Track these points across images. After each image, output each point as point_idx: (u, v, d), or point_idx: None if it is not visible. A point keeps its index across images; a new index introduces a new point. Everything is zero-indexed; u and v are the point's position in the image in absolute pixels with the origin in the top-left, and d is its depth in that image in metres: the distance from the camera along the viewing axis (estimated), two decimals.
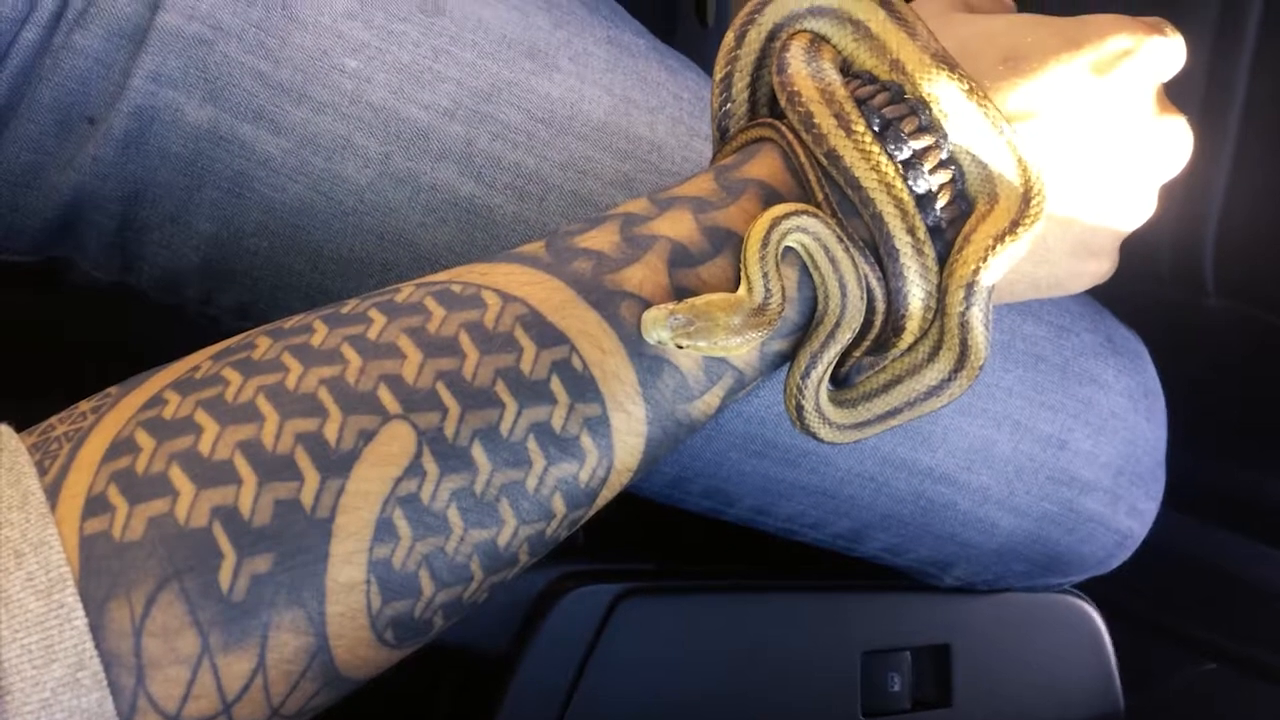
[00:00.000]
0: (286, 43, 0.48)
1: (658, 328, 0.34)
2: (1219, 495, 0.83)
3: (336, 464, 0.30)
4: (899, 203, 0.37)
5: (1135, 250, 0.46)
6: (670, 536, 0.64)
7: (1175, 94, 0.43)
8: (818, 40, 0.40)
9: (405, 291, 0.35)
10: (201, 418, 0.31)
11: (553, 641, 0.55)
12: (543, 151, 0.50)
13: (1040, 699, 0.68)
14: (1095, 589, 0.68)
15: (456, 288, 0.35)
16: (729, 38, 0.41)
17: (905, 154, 0.37)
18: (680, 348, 0.34)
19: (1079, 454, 0.57)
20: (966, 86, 0.37)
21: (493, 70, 0.50)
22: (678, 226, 0.37)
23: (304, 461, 0.30)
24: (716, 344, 0.34)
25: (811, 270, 0.37)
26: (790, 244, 0.37)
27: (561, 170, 0.50)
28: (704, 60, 0.51)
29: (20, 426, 0.32)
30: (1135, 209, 0.42)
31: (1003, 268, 0.37)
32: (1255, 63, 0.71)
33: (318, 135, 0.48)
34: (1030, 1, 0.47)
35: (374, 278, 0.50)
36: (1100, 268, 0.44)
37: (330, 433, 0.31)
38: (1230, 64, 0.72)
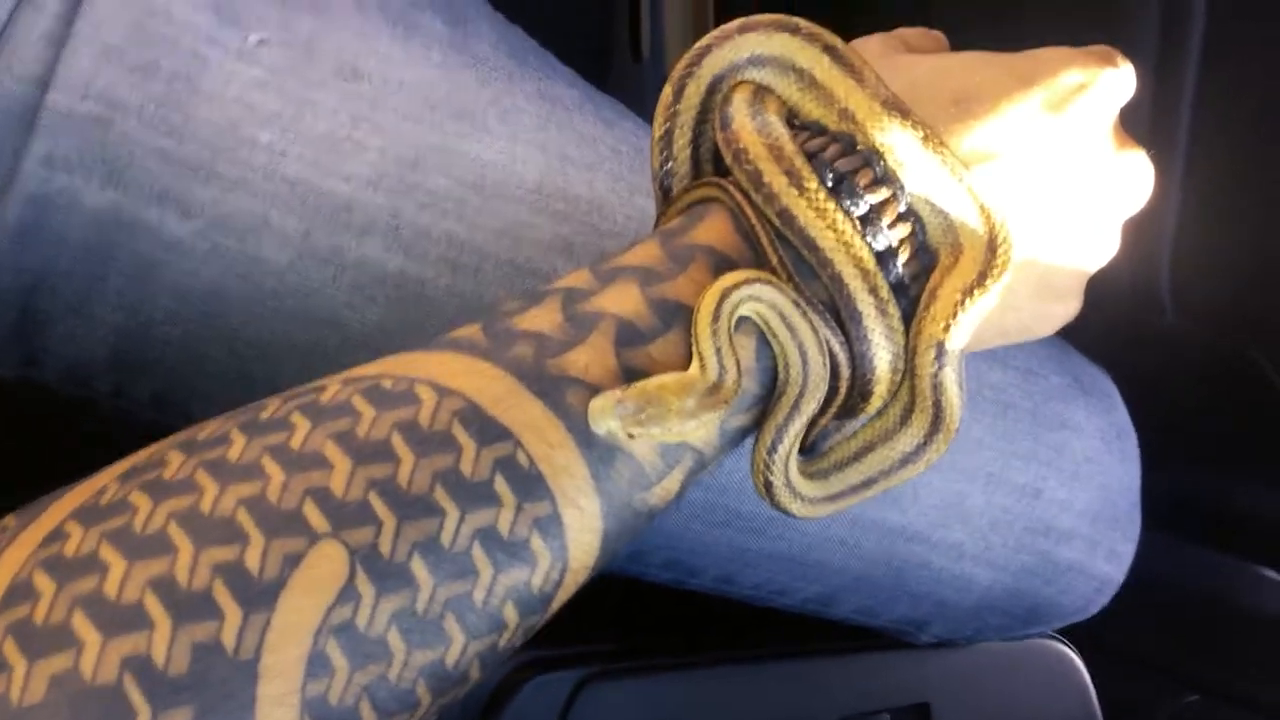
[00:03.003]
0: (191, 118, 0.45)
1: (605, 417, 0.32)
2: (1190, 508, 0.83)
3: (260, 596, 0.28)
4: (858, 261, 0.35)
5: (1095, 275, 0.45)
6: (632, 605, 0.62)
7: (1122, 120, 0.42)
8: (761, 91, 0.38)
9: (331, 390, 0.32)
10: (107, 553, 0.28)
11: None
12: (475, 219, 0.48)
13: None
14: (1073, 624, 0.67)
15: (387, 383, 0.32)
16: (666, 92, 0.39)
17: (862, 209, 0.35)
18: (631, 437, 0.32)
19: (1054, 502, 0.55)
20: (921, 134, 0.36)
21: (417, 135, 0.48)
22: (624, 301, 0.35)
23: (224, 596, 0.28)
24: (670, 430, 0.32)
25: (770, 339, 0.35)
26: (744, 313, 0.35)
27: (496, 238, 0.48)
28: (641, 97, 0.50)
29: None
30: (1100, 247, 0.41)
31: (973, 323, 0.36)
32: (1199, 85, 0.71)
33: (230, 215, 0.46)
34: (974, 34, 0.46)
35: (299, 362, 0.47)
36: (1068, 309, 0.42)
37: (252, 561, 0.28)
38: (1174, 88, 0.72)
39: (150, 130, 0.45)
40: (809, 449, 0.38)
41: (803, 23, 0.38)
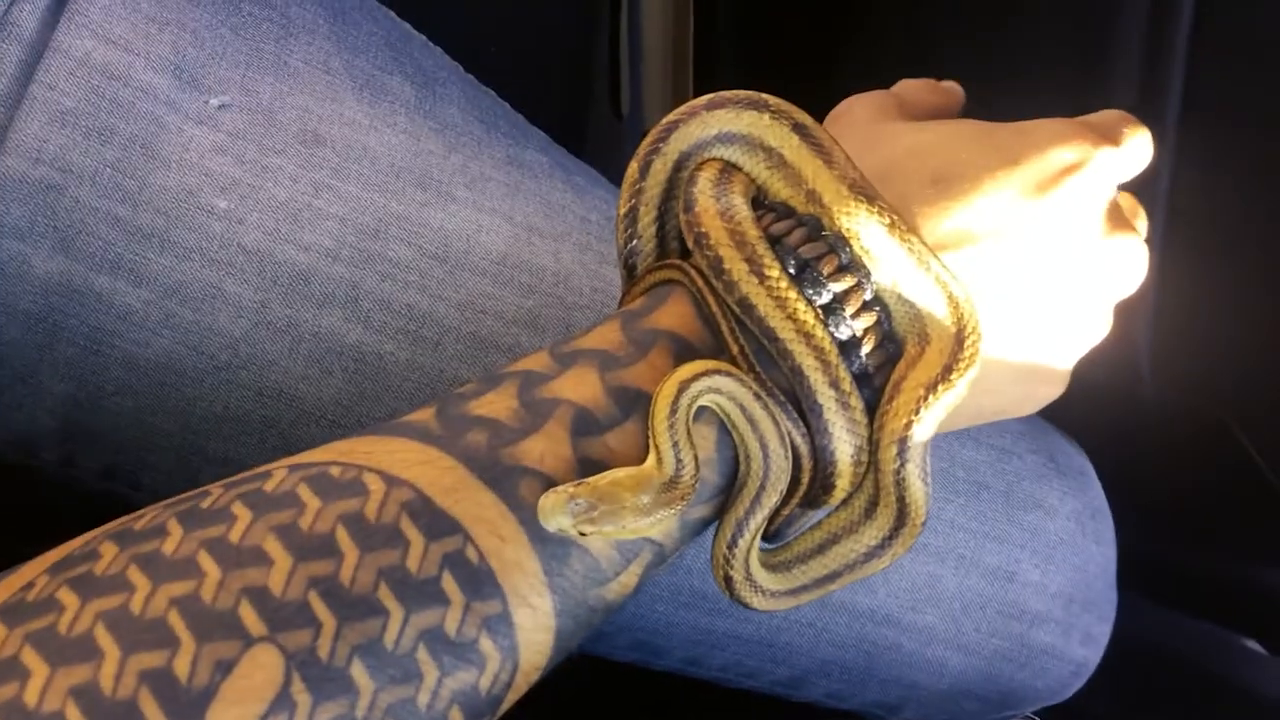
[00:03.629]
0: (146, 184, 0.45)
1: (556, 514, 0.31)
2: (1168, 574, 0.83)
3: (188, 707, 0.27)
4: (820, 353, 0.34)
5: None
6: (599, 685, 0.61)
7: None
8: (729, 169, 0.37)
9: (277, 478, 0.31)
10: (29, 657, 0.27)
11: None
12: (437, 290, 0.47)
13: None
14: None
15: (335, 470, 0.32)
16: (632, 168, 0.38)
17: (825, 298, 0.35)
18: (584, 535, 0.31)
19: (1028, 585, 0.54)
20: (888, 221, 0.35)
21: (380, 203, 0.47)
22: (581, 388, 0.34)
23: (149, 707, 0.26)
24: (625, 527, 0.32)
25: (730, 430, 0.35)
26: (704, 404, 0.34)
27: (459, 310, 0.47)
28: (619, 157, 0.49)
29: None
30: (1085, 332, 0.40)
31: (937, 418, 0.35)
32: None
33: (184, 284, 0.45)
34: (974, 89, 0.45)
35: (253, 436, 0.46)
36: (1051, 391, 0.41)
37: (181, 668, 0.27)
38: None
39: (104, 197, 0.44)
40: (771, 537, 0.38)
41: (773, 100, 0.38)
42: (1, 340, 0.45)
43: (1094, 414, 0.63)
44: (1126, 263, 0.40)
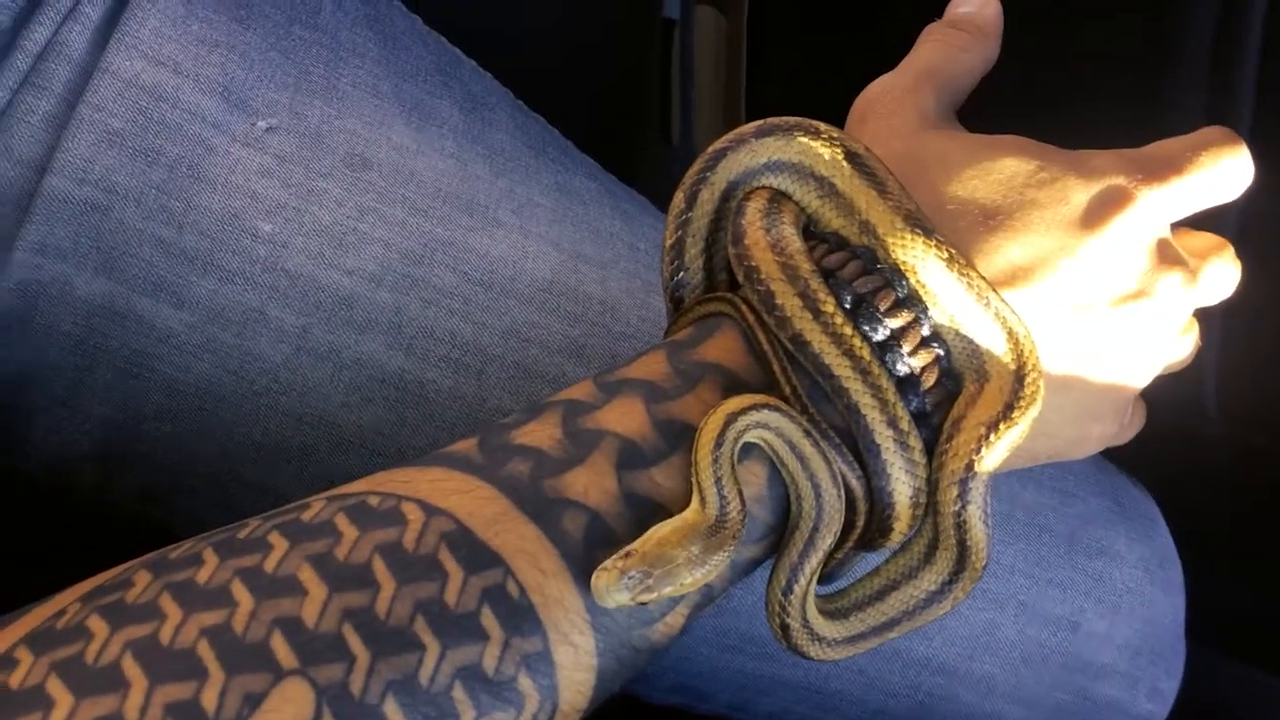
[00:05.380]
0: (192, 206, 0.45)
1: (614, 593, 0.31)
2: (1238, 625, 0.81)
3: None
4: (877, 390, 0.34)
5: None
6: None
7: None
8: (778, 198, 0.37)
9: (315, 508, 0.31)
10: (54, 687, 0.27)
11: None
12: (481, 318, 0.47)
13: None
14: None
15: (374, 500, 0.32)
16: (678, 199, 0.38)
17: (882, 335, 0.34)
18: (645, 604, 0.31)
19: (1092, 636, 0.53)
20: (946, 255, 0.35)
21: (425, 228, 0.47)
22: (627, 419, 0.34)
23: None
24: (683, 585, 0.31)
25: (780, 469, 0.34)
26: (751, 440, 0.34)
27: (503, 339, 0.47)
28: (668, 185, 0.49)
29: None
30: (1139, 368, 0.40)
31: (999, 458, 0.34)
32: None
33: (226, 308, 0.45)
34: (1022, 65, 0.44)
35: (291, 464, 0.46)
36: (1107, 430, 0.41)
37: (209, 700, 0.27)
38: None
39: (149, 218, 0.45)
40: (826, 580, 0.37)
41: (824, 126, 0.37)
42: (42, 363, 0.45)
43: (1158, 455, 0.62)
44: (1172, 299, 0.39)
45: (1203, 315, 0.45)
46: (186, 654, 0.28)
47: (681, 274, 0.38)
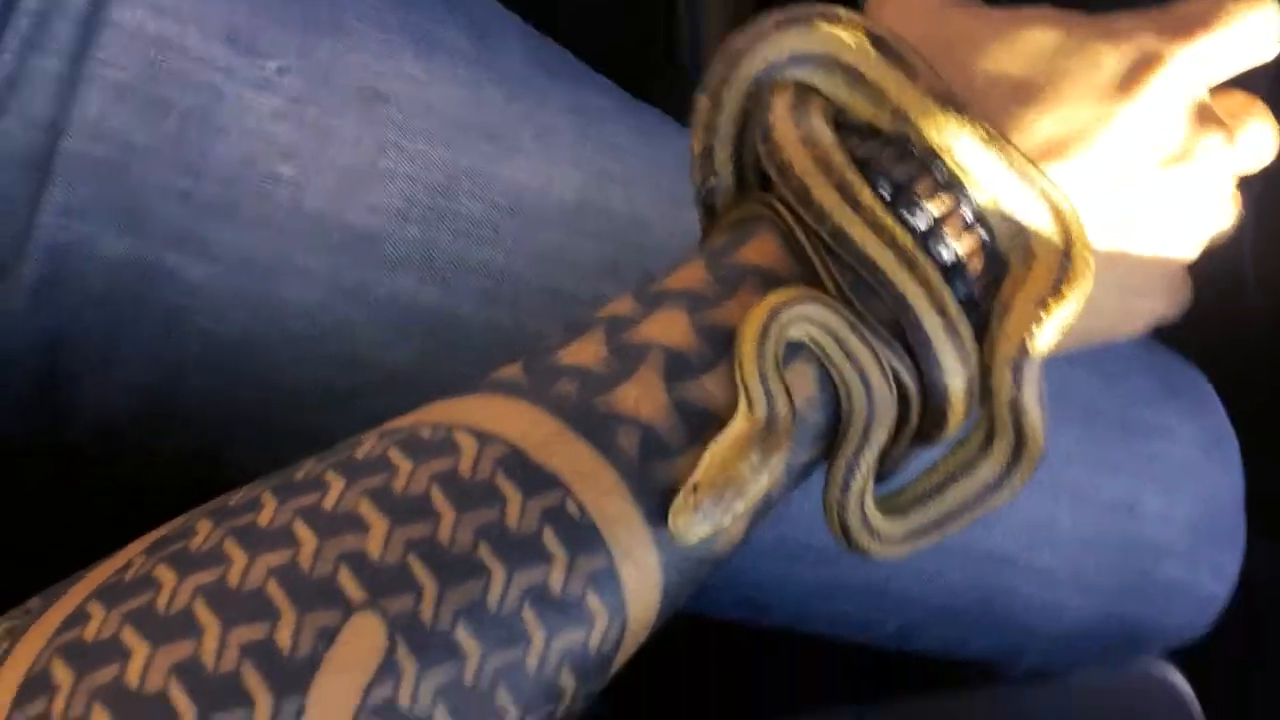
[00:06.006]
0: (208, 155, 0.45)
1: (694, 528, 0.30)
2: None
3: (292, 678, 0.27)
4: (924, 279, 0.34)
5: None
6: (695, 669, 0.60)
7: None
8: (805, 91, 0.36)
9: (367, 445, 0.32)
10: (129, 637, 0.27)
11: None
12: (512, 245, 0.47)
13: None
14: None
15: (425, 432, 0.32)
16: (703, 103, 0.37)
17: (924, 222, 0.34)
18: (727, 526, 0.31)
19: (1150, 517, 0.53)
20: (983, 133, 0.34)
21: (447, 159, 0.47)
22: (671, 330, 0.34)
23: (253, 680, 0.27)
24: (752, 496, 0.31)
25: (828, 366, 0.34)
26: (795, 336, 0.33)
27: (536, 264, 0.47)
28: (677, 106, 0.48)
29: None
30: (1185, 238, 0.39)
31: (1052, 338, 0.34)
32: None
33: (253, 255, 0.45)
34: None
35: (336, 407, 0.46)
36: (1156, 306, 0.40)
37: (283, 639, 0.27)
38: None
39: (167, 172, 0.45)
40: (882, 479, 0.37)
41: (844, 12, 0.36)
42: (76, 327, 0.45)
43: (1199, 332, 0.61)
44: (1212, 161, 0.38)
45: (1240, 184, 0.45)
46: (256, 595, 0.28)
47: (713, 180, 0.38)
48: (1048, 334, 0.34)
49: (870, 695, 0.59)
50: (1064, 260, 0.34)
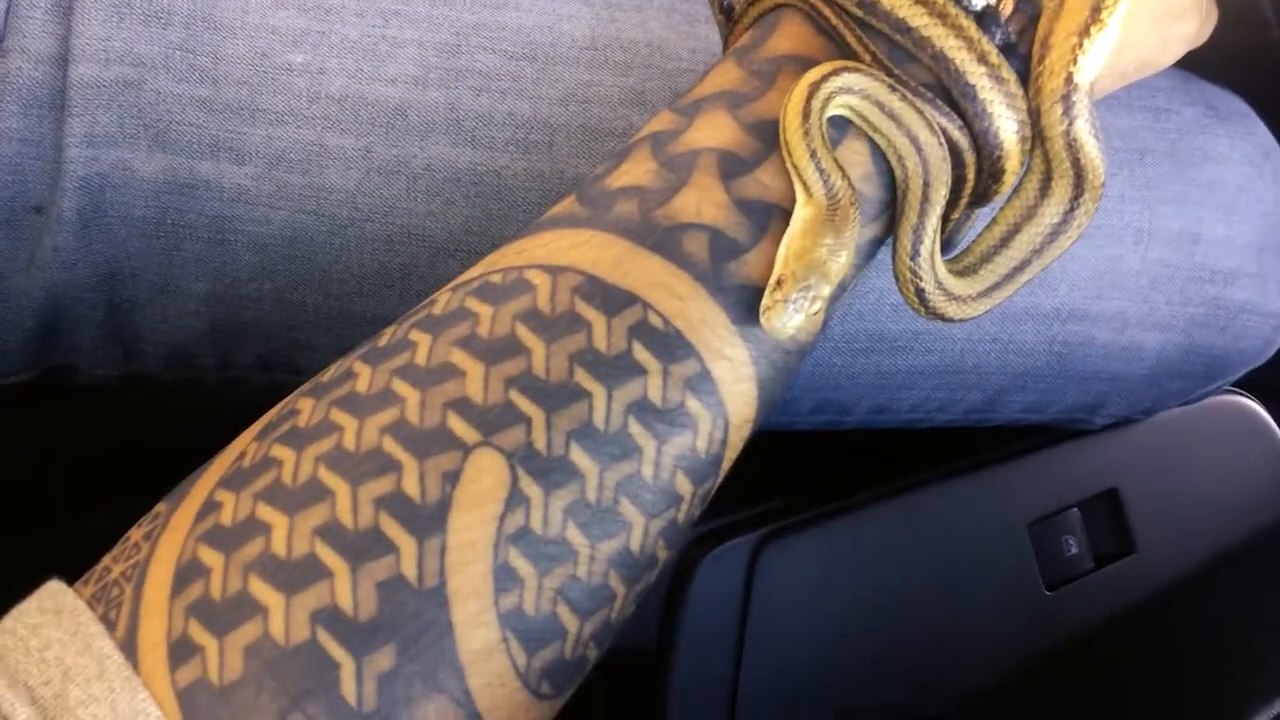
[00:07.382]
0: (219, 57, 0.45)
1: (786, 323, 0.31)
2: None
3: (428, 521, 0.28)
4: (959, 31, 0.33)
5: None
6: (784, 469, 0.62)
7: None
8: None
9: (443, 300, 0.32)
10: (265, 512, 0.28)
11: (703, 615, 0.53)
12: (535, 91, 0.47)
13: (1226, 517, 0.66)
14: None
15: (496, 277, 0.32)
16: None
17: None
18: (817, 313, 0.31)
19: (1214, 243, 0.53)
20: None
21: (452, 17, 0.47)
22: (717, 132, 0.34)
23: (393, 529, 0.28)
24: (834, 279, 0.32)
25: (873, 135, 0.34)
26: (837, 110, 0.33)
27: (562, 106, 0.47)
28: None
29: (59, 560, 0.30)
30: None
31: (1096, 65, 0.34)
32: None
33: (286, 150, 0.45)
34: None
35: (395, 288, 0.47)
36: (1189, 29, 0.40)
37: (411, 487, 0.28)
38: None
39: (182, 81, 0.45)
40: (947, 246, 0.37)
41: None
42: (130, 254, 0.46)
43: (1224, 64, 0.60)
44: None
45: None
46: (375, 453, 0.29)
47: None
48: (1092, 62, 0.34)
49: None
50: None
